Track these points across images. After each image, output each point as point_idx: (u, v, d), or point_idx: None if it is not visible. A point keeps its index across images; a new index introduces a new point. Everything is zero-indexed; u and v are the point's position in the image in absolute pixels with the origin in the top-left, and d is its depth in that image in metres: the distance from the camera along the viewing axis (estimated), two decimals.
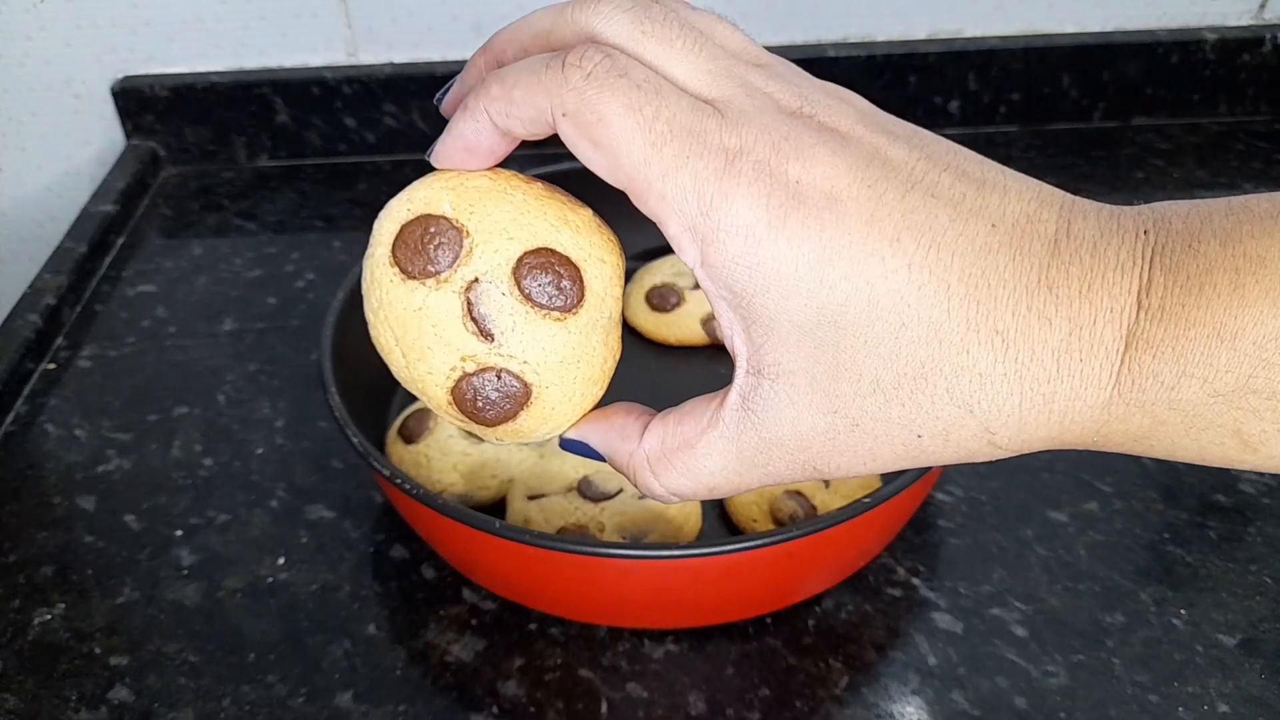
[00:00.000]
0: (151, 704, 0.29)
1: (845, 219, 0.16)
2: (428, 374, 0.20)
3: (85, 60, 0.53)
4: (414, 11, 0.54)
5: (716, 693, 0.29)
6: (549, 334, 0.20)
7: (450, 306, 0.19)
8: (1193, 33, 0.57)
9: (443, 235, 0.19)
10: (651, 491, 0.20)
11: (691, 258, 0.17)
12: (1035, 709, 0.29)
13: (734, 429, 0.18)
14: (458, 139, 0.19)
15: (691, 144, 0.16)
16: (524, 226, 0.20)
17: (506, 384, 0.20)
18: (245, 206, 0.54)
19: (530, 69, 0.18)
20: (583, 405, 0.21)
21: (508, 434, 0.20)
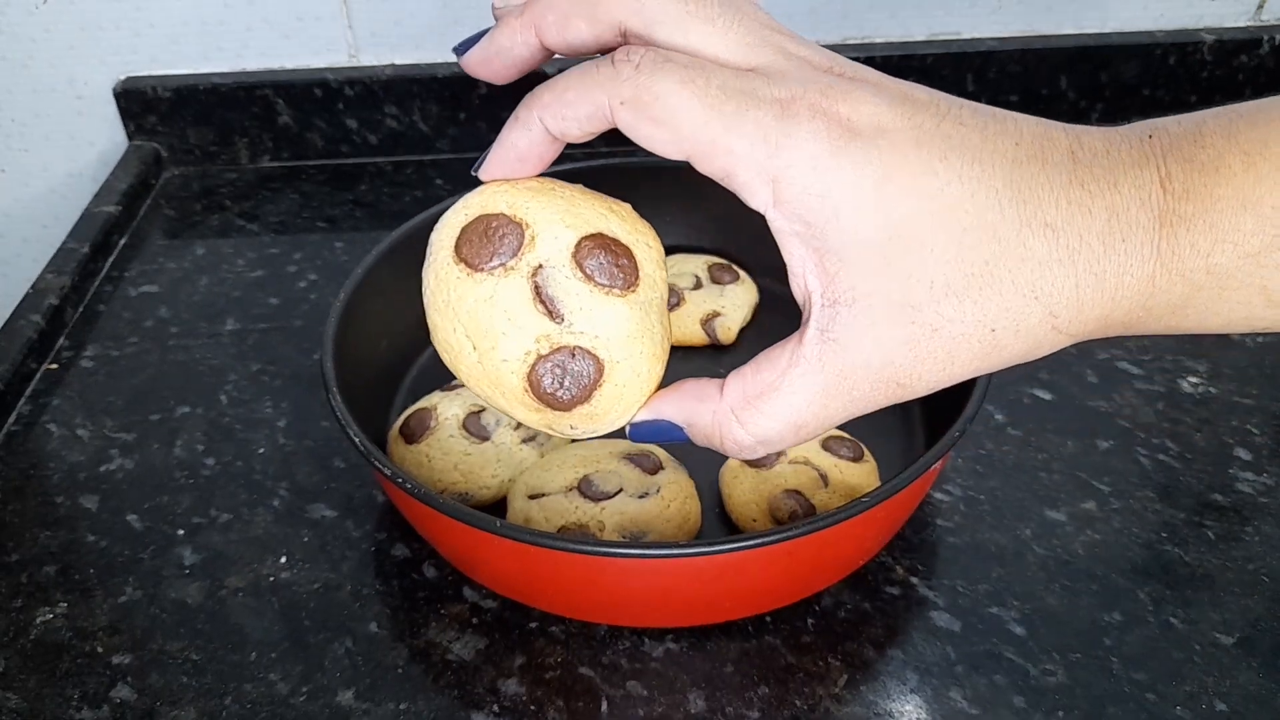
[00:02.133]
0: (154, 703, 0.29)
1: (897, 144, 0.18)
2: (502, 362, 0.20)
3: (88, 62, 0.54)
4: (415, 14, 0.54)
5: (716, 691, 0.29)
6: (613, 310, 0.20)
7: (520, 292, 0.20)
8: (1190, 34, 0.57)
9: (504, 228, 0.20)
10: (739, 444, 0.20)
11: (764, 199, 0.18)
12: (1033, 707, 0.29)
13: (816, 361, 0.19)
14: (510, 149, 0.21)
15: (746, 100, 0.18)
16: (576, 216, 0.21)
17: (580, 362, 0.20)
18: (247, 207, 0.54)
19: (580, 72, 0.19)
20: (650, 383, 0.21)
21: (583, 419, 0.21)
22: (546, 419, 0.21)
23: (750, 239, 0.46)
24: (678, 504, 0.32)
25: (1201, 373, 0.41)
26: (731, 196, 0.21)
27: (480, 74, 0.22)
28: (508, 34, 0.21)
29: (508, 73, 0.22)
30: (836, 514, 0.27)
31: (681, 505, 0.32)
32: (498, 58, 0.21)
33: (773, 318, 0.43)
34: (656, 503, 0.32)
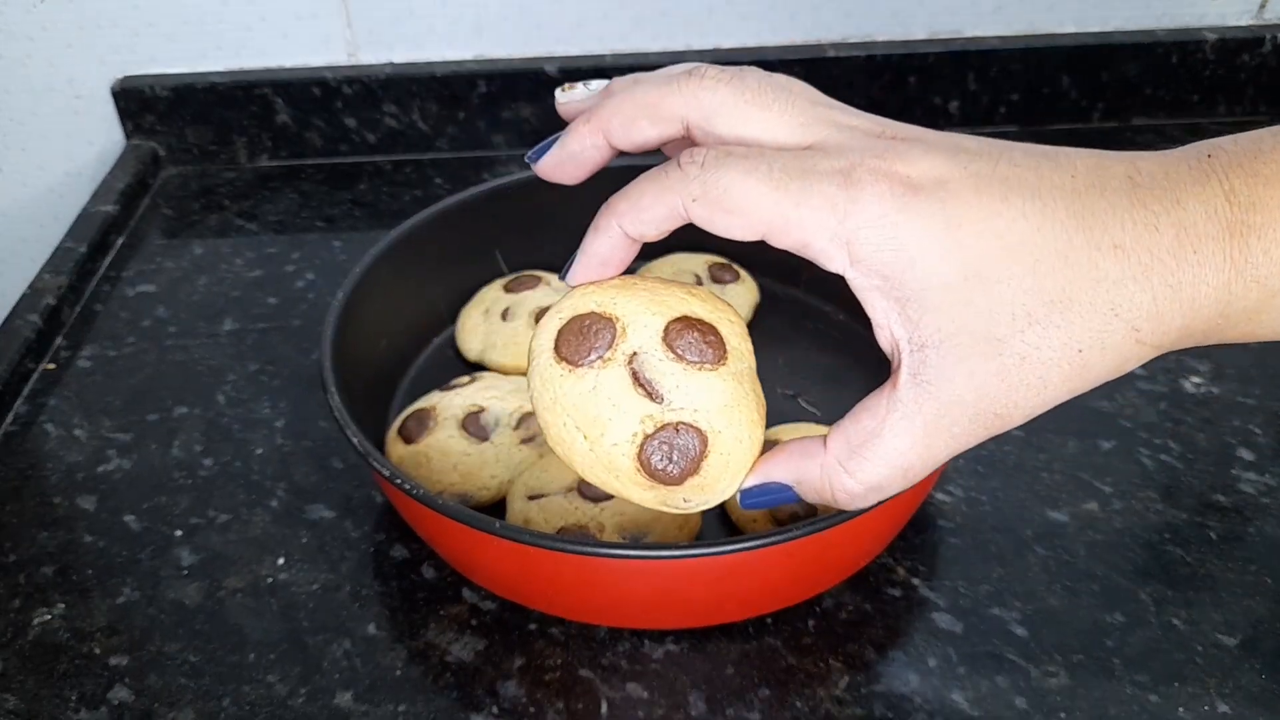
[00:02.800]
0: (152, 704, 0.29)
1: (958, 193, 0.19)
2: (613, 446, 0.22)
3: (86, 61, 0.54)
4: (415, 12, 0.54)
5: (716, 692, 0.29)
6: (707, 384, 0.22)
7: (620, 380, 0.22)
8: (1192, 33, 0.57)
9: (597, 325, 0.22)
10: (850, 493, 0.21)
11: (840, 262, 0.20)
12: (1035, 709, 0.29)
13: (913, 404, 0.20)
14: (593, 256, 0.22)
15: (808, 175, 0.19)
16: (660, 304, 0.23)
17: (684, 436, 0.22)
18: (246, 207, 0.54)
19: (650, 178, 0.21)
20: (752, 448, 0.22)
21: (694, 490, 0.22)
22: (660, 495, 0.22)
23: None
24: None
25: (1204, 373, 0.41)
26: None
27: (554, 178, 0.24)
28: (577, 139, 0.23)
29: (579, 174, 0.23)
30: (837, 515, 0.27)
31: None
32: (570, 162, 0.23)
33: (773, 317, 0.43)
34: None
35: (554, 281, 0.43)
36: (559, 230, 0.46)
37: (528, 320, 0.41)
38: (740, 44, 0.56)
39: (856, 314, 0.44)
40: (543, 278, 0.43)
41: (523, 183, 0.43)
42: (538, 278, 0.43)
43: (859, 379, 0.40)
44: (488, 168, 0.56)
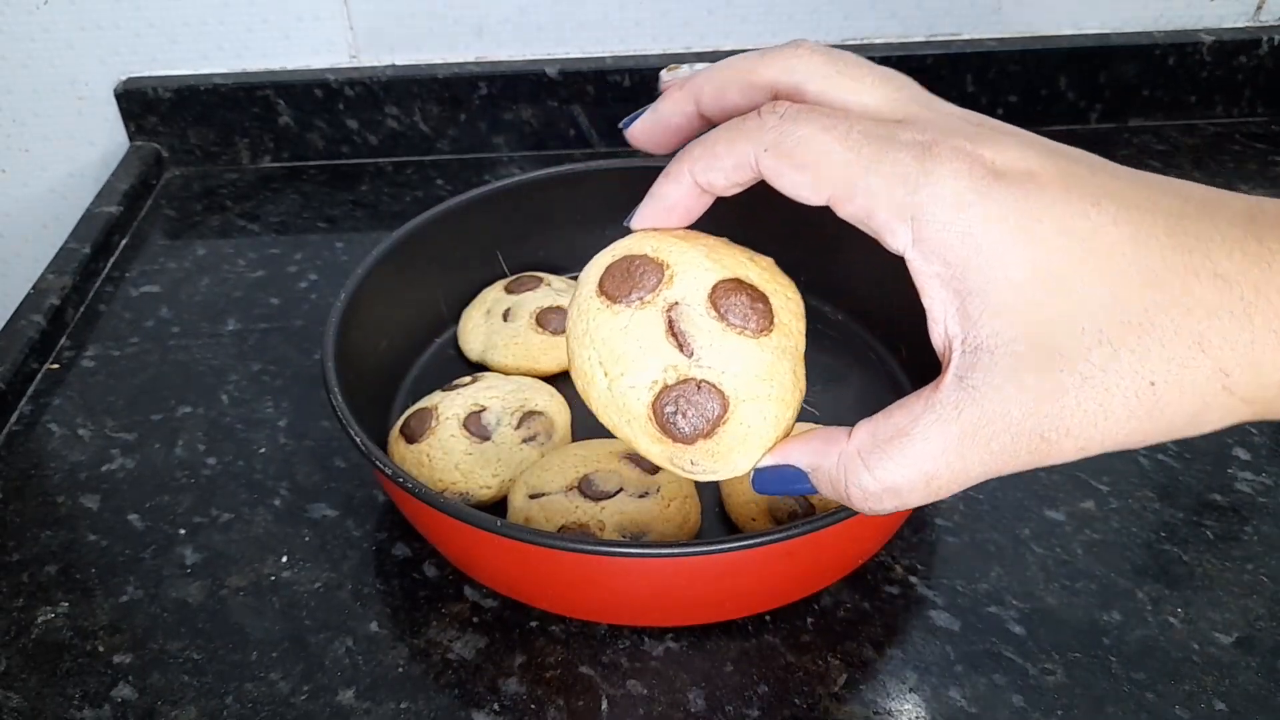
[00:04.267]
0: (155, 702, 0.29)
1: (1045, 188, 0.17)
2: (630, 388, 0.21)
3: (88, 62, 0.54)
4: (416, 14, 0.54)
5: (716, 690, 0.29)
6: (743, 350, 0.21)
7: (653, 323, 0.21)
8: (1189, 34, 0.57)
9: (645, 266, 0.21)
10: (864, 491, 0.19)
11: (903, 239, 0.18)
12: (1032, 706, 0.29)
13: (952, 408, 0.18)
14: (661, 200, 0.21)
15: (887, 143, 0.18)
16: (716, 262, 0.22)
17: (706, 397, 0.20)
18: (248, 208, 0.54)
19: (729, 126, 0.20)
20: (776, 428, 0.21)
21: (705, 455, 0.21)
22: (668, 451, 0.21)
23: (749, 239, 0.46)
24: (677, 504, 0.32)
25: None
26: (731, 197, 0.21)
27: (643, 144, 0.23)
28: (670, 104, 0.22)
29: (668, 140, 0.23)
30: (836, 514, 0.27)
31: (681, 505, 0.32)
32: (658, 126, 0.22)
33: None
34: (656, 502, 0.32)
35: (554, 282, 0.43)
36: (560, 232, 0.46)
37: (529, 321, 0.41)
38: (740, 45, 0.56)
39: (855, 314, 0.45)
40: (544, 278, 0.43)
41: (524, 184, 0.43)
42: (539, 278, 0.43)
43: (859, 379, 0.40)
44: (489, 169, 0.57)
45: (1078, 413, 0.17)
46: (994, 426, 0.17)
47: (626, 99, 0.56)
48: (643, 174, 0.46)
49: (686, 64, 0.24)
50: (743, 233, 0.46)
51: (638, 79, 0.55)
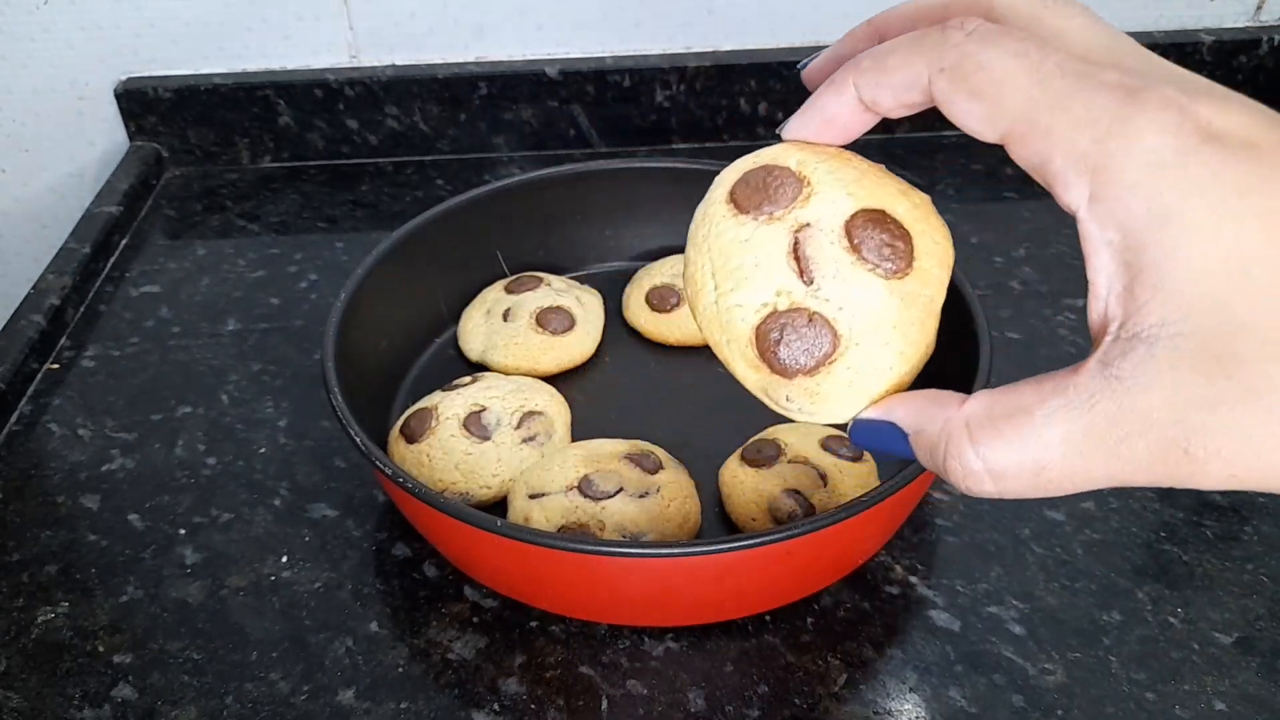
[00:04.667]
0: (155, 702, 0.29)
1: (1264, 161, 0.15)
2: (737, 306, 0.19)
3: (88, 62, 0.54)
4: (416, 14, 0.54)
5: (716, 690, 0.29)
6: (870, 288, 0.19)
7: (777, 241, 0.19)
8: (1189, 34, 0.57)
9: (784, 179, 0.19)
10: (966, 467, 0.17)
11: (1078, 194, 0.15)
12: (1032, 706, 0.29)
13: (1087, 396, 0.15)
14: (819, 111, 0.19)
15: (1084, 80, 0.15)
16: (865, 188, 0.20)
17: (816, 331, 0.19)
18: (248, 208, 0.54)
19: (909, 37, 0.17)
20: (889, 379, 0.19)
21: (803, 394, 0.19)
22: (764, 381, 0.19)
23: None
24: (678, 504, 0.32)
25: None
26: None
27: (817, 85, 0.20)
28: (850, 42, 0.20)
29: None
30: (836, 514, 0.27)
31: (681, 505, 0.32)
32: (837, 65, 0.19)
33: None
34: (656, 502, 0.32)
35: (554, 282, 0.43)
36: (560, 232, 0.46)
37: (529, 321, 0.41)
38: (740, 46, 0.56)
39: None
40: (544, 278, 0.43)
41: (524, 184, 0.43)
42: (539, 278, 0.43)
43: None
44: (489, 169, 0.57)
45: (1236, 431, 0.14)
46: (1130, 427, 0.15)
47: (626, 99, 0.56)
48: (643, 174, 0.46)
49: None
50: None
51: (638, 79, 0.55)
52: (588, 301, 0.43)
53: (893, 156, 0.56)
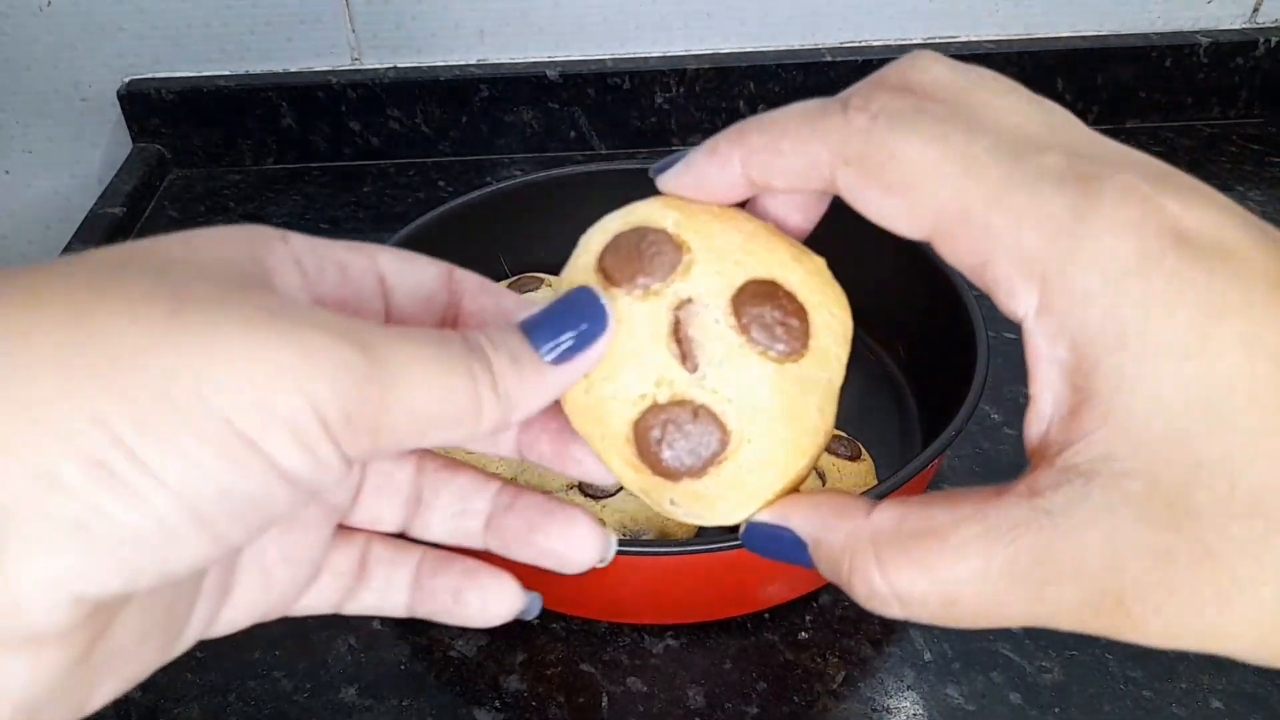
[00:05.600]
0: (158, 699, 0.30)
1: (1243, 274, 0.12)
2: (611, 398, 0.17)
3: (92, 64, 0.54)
4: (418, 17, 0.54)
5: (715, 687, 0.30)
6: (762, 376, 0.17)
7: (655, 321, 0.17)
8: (1186, 36, 0.57)
9: (661, 246, 0.17)
10: (871, 589, 0.15)
11: (1025, 304, 0.13)
12: (1030, 704, 0.29)
13: (1008, 530, 0.13)
14: (695, 174, 0.17)
15: (1025, 166, 0.13)
16: (752, 255, 0.17)
17: (702, 427, 0.17)
18: (251, 209, 0.54)
19: (803, 114, 0.15)
20: (781, 478, 0.17)
21: (688, 497, 0.17)
22: (645, 483, 0.17)
23: None
24: None
25: None
26: None
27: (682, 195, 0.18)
28: (710, 164, 0.17)
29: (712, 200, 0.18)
30: None
31: None
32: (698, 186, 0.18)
33: None
34: None
35: (555, 283, 0.43)
36: (561, 233, 0.46)
37: None
38: (739, 48, 0.56)
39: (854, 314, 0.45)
40: (545, 279, 0.43)
41: (525, 186, 0.43)
42: (540, 279, 0.43)
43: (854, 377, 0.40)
44: (490, 171, 0.57)
45: (1183, 592, 0.12)
46: (1060, 572, 0.13)
47: (627, 101, 0.56)
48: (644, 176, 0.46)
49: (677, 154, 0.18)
50: None
51: (638, 81, 0.55)
52: None
53: None
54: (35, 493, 0.11)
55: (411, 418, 0.14)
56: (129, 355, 0.12)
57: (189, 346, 0.12)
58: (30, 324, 0.12)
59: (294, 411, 0.12)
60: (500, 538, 0.19)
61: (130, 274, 0.13)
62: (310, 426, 0.12)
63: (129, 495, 0.11)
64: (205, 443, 0.12)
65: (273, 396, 0.12)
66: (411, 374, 0.13)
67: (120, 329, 0.12)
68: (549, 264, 0.45)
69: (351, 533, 0.19)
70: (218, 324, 0.12)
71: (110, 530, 0.11)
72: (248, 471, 0.12)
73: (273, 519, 0.13)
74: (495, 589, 0.19)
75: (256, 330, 0.12)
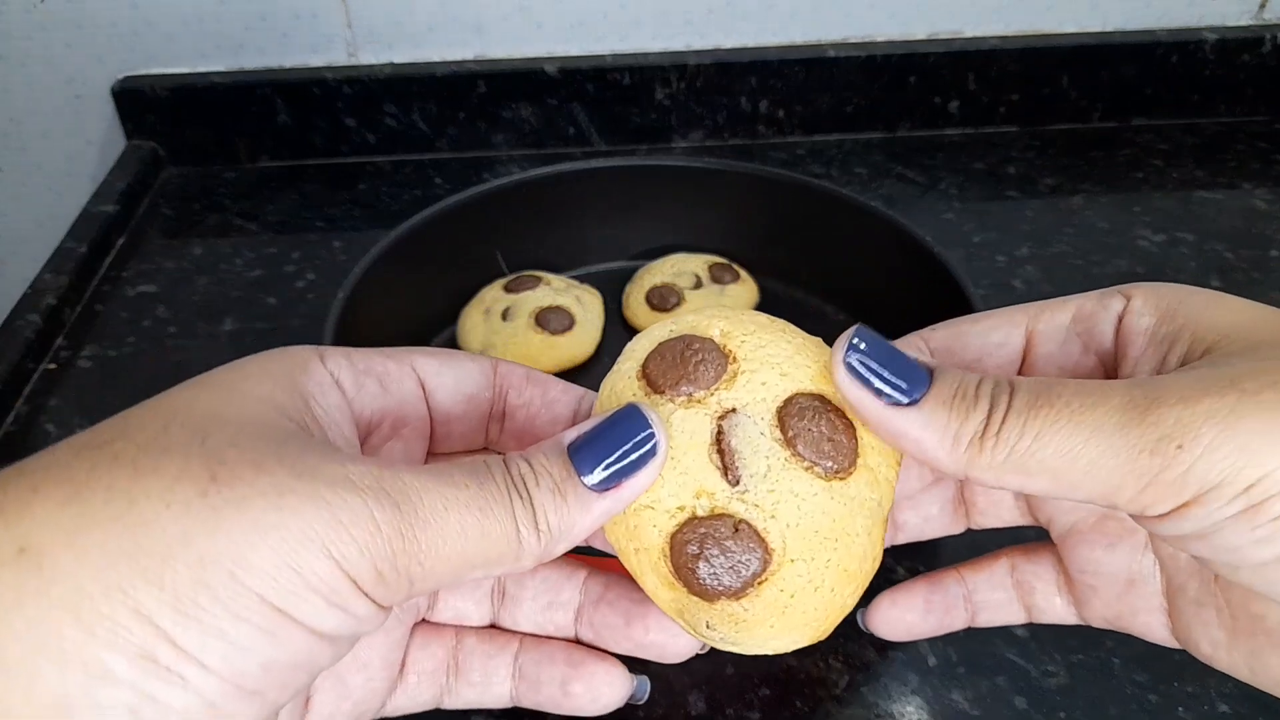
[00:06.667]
0: None
1: None
2: (648, 508, 0.16)
3: (86, 60, 0.54)
4: (414, 12, 0.54)
5: (716, 692, 0.29)
6: (809, 493, 0.16)
7: (697, 431, 0.16)
8: (1192, 33, 0.57)
9: (706, 354, 0.17)
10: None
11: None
12: (1035, 708, 0.29)
13: None
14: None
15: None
16: (800, 367, 0.17)
17: (742, 544, 0.15)
18: (246, 207, 0.54)
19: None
20: (830, 606, 0.16)
21: (725, 621, 0.16)
22: (680, 602, 0.16)
23: (750, 239, 0.46)
24: None
25: None
26: (732, 196, 0.19)
27: None
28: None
29: None
30: None
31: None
32: None
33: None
34: None
35: (554, 281, 0.43)
36: (559, 230, 0.46)
37: (528, 320, 0.41)
38: (740, 44, 0.56)
39: (856, 314, 0.45)
40: (543, 277, 0.43)
41: (523, 183, 0.43)
42: (538, 277, 0.43)
43: None
44: (488, 168, 0.56)
45: None
46: None
47: (626, 98, 0.55)
48: (643, 173, 0.46)
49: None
50: (736, 233, 0.46)
51: (638, 77, 0.55)
52: (587, 301, 0.43)
53: (894, 156, 0.56)
54: (90, 686, 0.12)
55: (448, 565, 0.14)
56: (165, 547, 0.13)
57: (221, 532, 0.13)
58: (74, 525, 0.13)
59: (324, 577, 0.13)
60: (594, 630, 0.18)
61: (170, 444, 0.14)
62: (341, 587, 0.13)
63: (176, 681, 0.12)
64: (242, 622, 0.13)
65: (302, 565, 0.13)
66: (447, 523, 0.14)
67: (156, 515, 0.13)
68: (547, 262, 0.45)
69: (438, 629, 0.19)
70: (249, 500, 0.13)
71: (162, 714, 0.12)
72: (286, 640, 0.13)
73: (320, 670, 0.14)
74: (604, 677, 0.18)
75: (287, 498, 0.13)
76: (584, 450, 0.15)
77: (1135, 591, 0.19)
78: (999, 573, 0.20)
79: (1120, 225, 0.51)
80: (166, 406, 0.15)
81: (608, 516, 0.15)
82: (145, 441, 0.14)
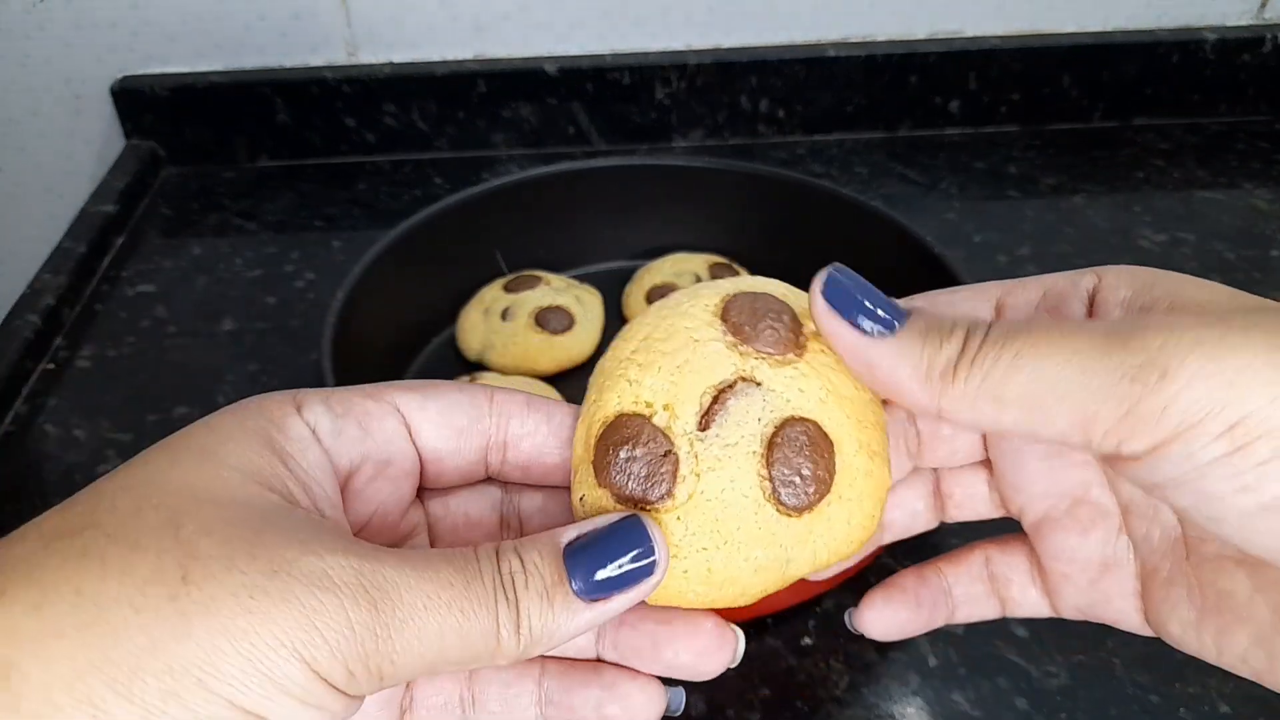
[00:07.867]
0: None
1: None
2: (632, 382, 0.16)
3: (85, 60, 0.53)
4: (414, 11, 0.54)
5: (717, 693, 0.29)
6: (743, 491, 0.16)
7: (719, 367, 0.16)
8: (1193, 32, 0.57)
9: (781, 315, 0.17)
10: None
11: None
12: (1036, 709, 0.29)
13: None
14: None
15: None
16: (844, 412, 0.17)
17: (658, 472, 0.16)
18: (245, 206, 0.54)
19: None
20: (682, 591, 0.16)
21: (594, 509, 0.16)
22: (583, 474, 0.17)
23: (750, 239, 0.46)
24: None
25: None
26: (732, 196, 0.19)
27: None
28: None
29: None
30: None
31: None
32: None
33: None
34: None
35: (553, 281, 0.43)
36: (559, 230, 0.46)
37: (527, 320, 0.40)
38: (741, 43, 0.56)
39: None
40: (542, 277, 0.43)
41: (523, 182, 0.42)
42: (537, 277, 0.43)
43: None
44: (487, 167, 0.56)
45: None
46: None
47: (626, 97, 0.55)
48: (643, 172, 0.46)
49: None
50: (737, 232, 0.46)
51: (637, 76, 0.55)
52: (587, 300, 0.42)
53: (895, 155, 0.56)
54: None
55: (421, 662, 0.14)
56: (133, 658, 0.13)
57: (191, 639, 0.13)
58: (43, 631, 0.13)
59: (295, 679, 0.13)
60: (619, 651, 0.18)
61: (143, 533, 0.13)
62: (313, 688, 0.13)
63: None
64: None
65: (273, 670, 0.13)
66: (426, 624, 0.14)
67: (125, 623, 0.13)
68: (547, 261, 0.45)
69: None
70: (219, 602, 0.13)
71: None
72: None
73: None
74: (639, 696, 0.17)
75: (259, 600, 0.13)
76: (580, 555, 0.15)
77: (1109, 577, 0.19)
78: (975, 566, 0.20)
79: (1121, 225, 0.51)
80: (140, 480, 0.15)
81: (591, 626, 0.15)
82: (116, 530, 0.14)
